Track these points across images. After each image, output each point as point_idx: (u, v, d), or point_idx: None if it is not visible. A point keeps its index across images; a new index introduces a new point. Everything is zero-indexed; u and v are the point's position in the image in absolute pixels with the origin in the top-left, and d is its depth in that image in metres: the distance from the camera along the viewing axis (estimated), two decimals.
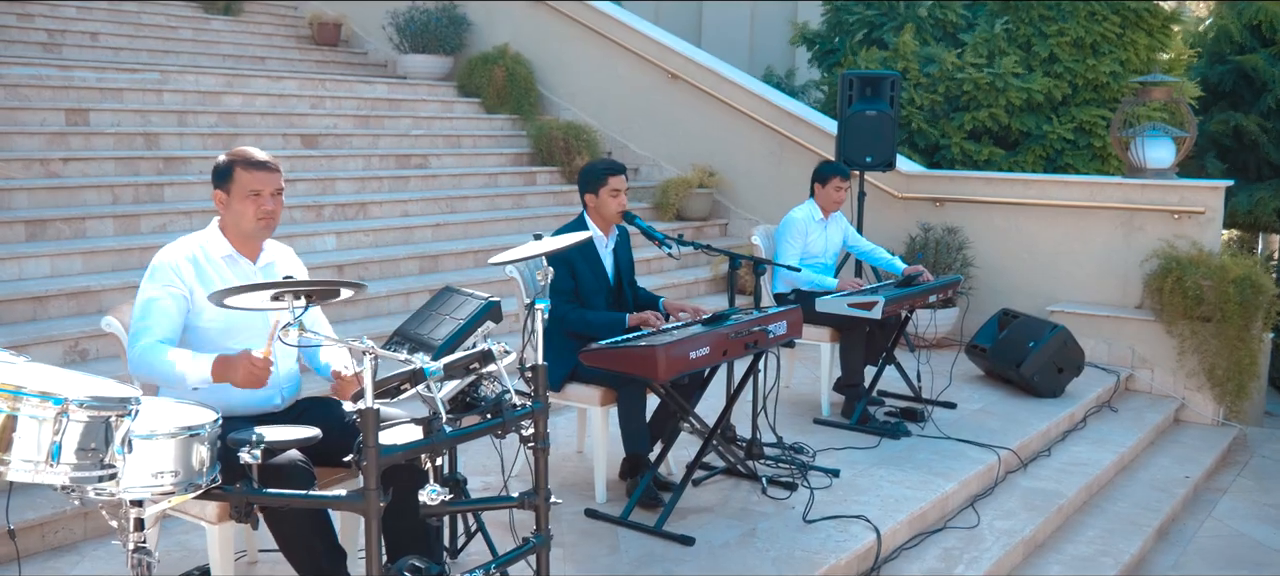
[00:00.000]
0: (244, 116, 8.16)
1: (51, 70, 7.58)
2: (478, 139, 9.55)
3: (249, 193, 3.38)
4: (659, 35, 9.90)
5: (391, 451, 2.79)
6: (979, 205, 8.19)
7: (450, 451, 3.99)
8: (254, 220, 3.41)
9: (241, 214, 3.40)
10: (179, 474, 2.69)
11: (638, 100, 10.01)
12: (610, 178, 4.80)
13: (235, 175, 3.39)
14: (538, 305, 3.31)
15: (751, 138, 9.33)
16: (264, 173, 3.41)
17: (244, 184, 3.38)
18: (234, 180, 3.39)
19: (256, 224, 3.42)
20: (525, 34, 10.63)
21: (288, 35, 11.35)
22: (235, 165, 3.39)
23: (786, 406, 6.31)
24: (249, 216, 3.40)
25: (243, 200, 3.39)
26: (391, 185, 8.10)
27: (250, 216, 3.40)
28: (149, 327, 3.25)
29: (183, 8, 10.89)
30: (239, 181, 3.39)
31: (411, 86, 10.11)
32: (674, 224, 9.18)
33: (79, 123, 7.15)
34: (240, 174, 3.38)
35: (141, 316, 3.28)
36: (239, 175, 3.39)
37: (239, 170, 3.39)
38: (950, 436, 5.75)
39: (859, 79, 7.71)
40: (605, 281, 4.85)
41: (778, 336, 4.71)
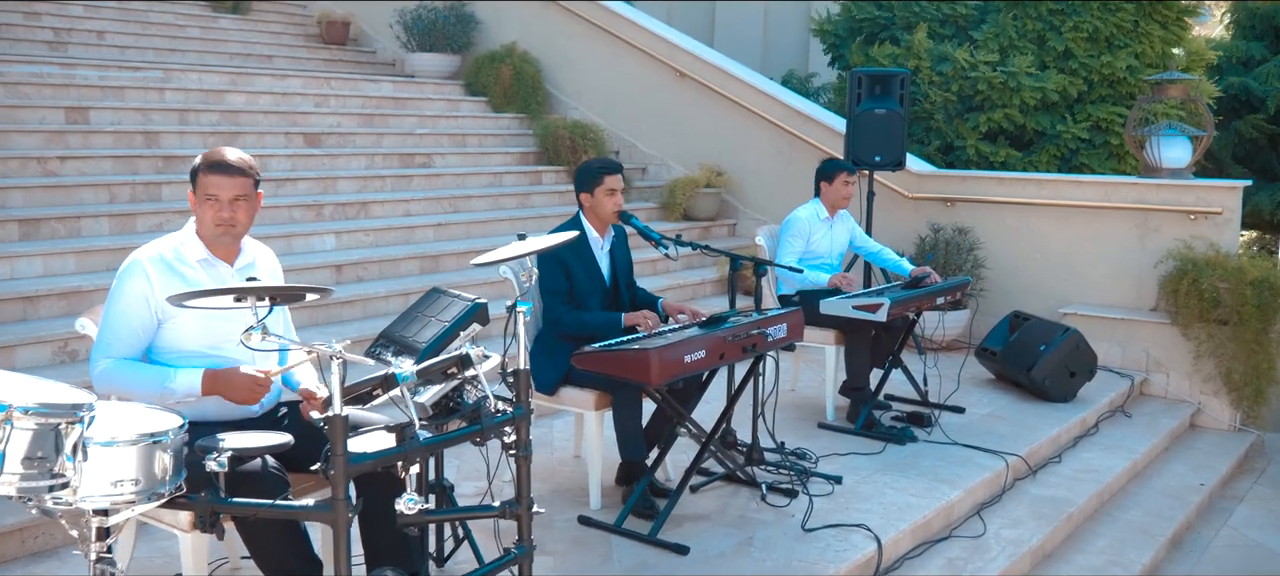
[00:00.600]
0: (247, 115, 8.09)
1: (53, 68, 7.53)
2: (483, 138, 9.46)
3: (207, 197, 3.27)
4: (667, 33, 9.79)
5: (361, 459, 2.69)
6: (990, 205, 8.04)
7: (437, 457, 3.91)
8: (212, 225, 3.30)
9: (201, 218, 3.31)
10: (140, 482, 2.59)
11: (646, 99, 9.90)
12: (607, 176, 4.69)
13: (198, 178, 3.28)
14: (519, 308, 3.20)
15: (760, 137, 9.20)
16: (223, 177, 3.27)
17: (203, 187, 3.27)
18: (197, 182, 3.29)
19: (215, 229, 3.31)
20: (533, 32, 10.53)
21: (296, 34, 11.29)
22: (200, 167, 3.29)
23: (791, 410, 6.20)
24: (207, 221, 3.30)
25: (202, 203, 3.29)
26: (394, 184, 8.01)
27: (208, 221, 3.30)
28: (112, 343, 3.18)
29: (191, 6, 10.84)
30: (200, 184, 3.28)
31: (418, 85, 10.03)
32: (681, 224, 9.06)
33: (79, 121, 7.09)
34: (201, 177, 3.27)
35: (105, 329, 3.19)
36: (201, 178, 3.27)
37: (201, 173, 3.28)
38: (957, 442, 5.61)
39: (868, 77, 7.57)
40: (601, 282, 4.75)
41: (777, 339, 4.60)
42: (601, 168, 4.72)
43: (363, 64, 11.21)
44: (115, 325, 3.18)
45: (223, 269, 3.37)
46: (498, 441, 3.17)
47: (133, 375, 3.14)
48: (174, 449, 2.69)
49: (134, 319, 3.18)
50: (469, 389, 3.42)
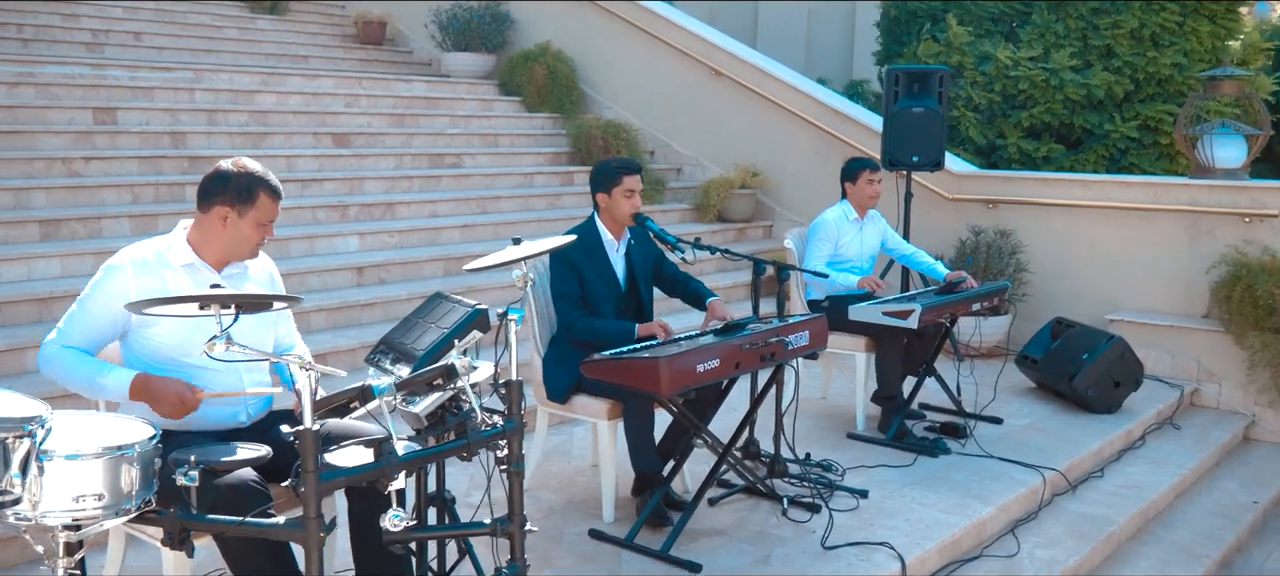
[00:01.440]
0: (276, 115, 8.05)
1: (84, 69, 7.54)
2: (516, 138, 9.35)
3: (265, 221, 3.21)
4: (704, 31, 9.61)
5: (332, 476, 2.55)
6: (1034, 207, 7.76)
7: (438, 468, 3.77)
8: (254, 246, 3.25)
9: (245, 238, 3.21)
10: (104, 497, 2.48)
11: (681, 98, 9.73)
12: (625, 176, 4.53)
13: (258, 199, 3.18)
14: (510, 316, 3.05)
15: (797, 136, 8.99)
16: (278, 201, 3.25)
17: (265, 210, 3.20)
18: (256, 204, 3.18)
19: (253, 250, 3.25)
20: (568, 31, 10.40)
21: (333, 34, 11.28)
22: (259, 189, 3.18)
23: (821, 419, 6.00)
24: (252, 242, 3.23)
25: (255, 227, 3.20)
26: (422, 185, 7.92)
27: (253, 243, 3.24)
28: (70, 332, 3.10)
29: (229, 7, 10.87)
30: (261, 206, 3.19)
31: (451, 85, 9.95)
32: (715, 226, 8.89)
33: (107, 122, 7.08)
34: (264, 200, 3.19)
35: (70, 317, 3.12)
36: (263, 201, 3.19)
37: (264, 196, 3.19)
38: (992, 454, 5.37)
39: (906, 74, 7.33)
40: (615, 287, 4.59)
41: (799, 348, 4.41)
42: (619, 167, 4.56)
43: (399, 64, 11.16)
44: (81, 316, 3.11)
45: (207, 274, 3.25)
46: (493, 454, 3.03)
47: (71, 364, 3.06)
48: (142, 462, 2.57)
49: (100, 317, 3.10)
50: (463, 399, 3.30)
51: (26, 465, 2.26)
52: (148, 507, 2.59)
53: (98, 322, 3.10)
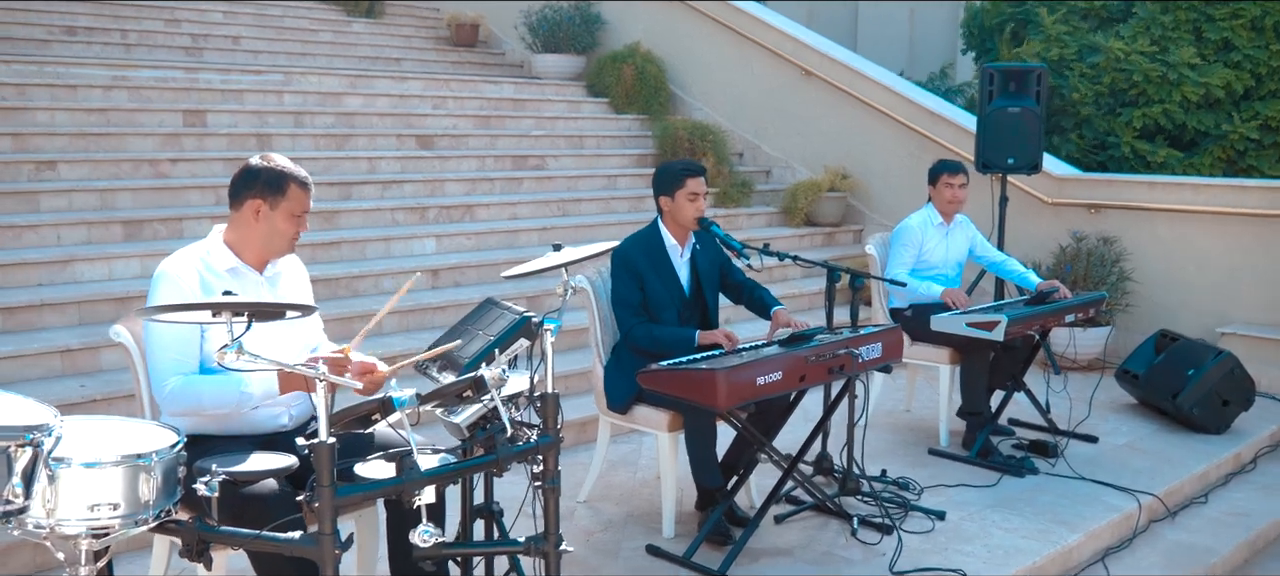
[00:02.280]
0: (361, 117, 8.11)
1: (177, 72, 7.70)
2: (601, 139, 9.26)
3: (298, 213, 3.16)
4: (795, 30, 9.38)
5: (348, 492, 2.46)
6: (1141, 212, 7.33)
7: (486, 479, 3.67)
8: (289, 240, 3.19)
9: (280, 232, 3.16)
10: (119, 507, 2.43)
11: (771, 99, 9.51)
12: (688, 179, 4.37)
13: (289, 191, 3.13)
14: (546, 325, 2.93)
15: (889, 138, 8.69)
16: (309, 193, 3.20)
17: (297, 202, 3.15)
18: (287, 196, 3.13)
19: (288, 244, 3.20)
20: (658, 32, 10.27)
21: (426, 37, 11.36)
22: (289, 181, 3.13)
23: (902, 433, 5.75)
24: (288, 236, 3.18)
25: (288, 219, 3.15)
26: (503, 187, 7.88)
27: (289, 236, 3.18)
28: (166, 363, 3.01)
29: (325, 11, 11.03)
30: (293, 198, 3.14)
31: (539, 86, 9.91)
32: (803, 230, 8.65)
33: (196, 123, 7.21)
34: (295, 191, 3.14)
35: (156, 352, 3.03)
36: (293, 192, 3.14)
37: (294, 187, 3.14)
38: (1084, 476, 5.05)
39: (1001, 72, 7.00)
40: (679, 293, 4.43)
41: (870, 360, 4.20)
42: (683, 170, 4.41)
43: (491, 66, 11.18)
44: (164, 343, 3.02)
45: (252, 277, 3.21)
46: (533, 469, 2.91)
47: (203, 388, 3.00)
48: (163, 470, 2.52)
49: (179, 333, 3.03)
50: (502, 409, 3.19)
51: (32, 474, 2.21)
52: (167, 517, 2.54)
53: (180, 340, 3.02)
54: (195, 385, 2.98)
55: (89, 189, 6.03)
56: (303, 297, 3.38)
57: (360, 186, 7.12)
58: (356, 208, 6.82)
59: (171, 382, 2.98)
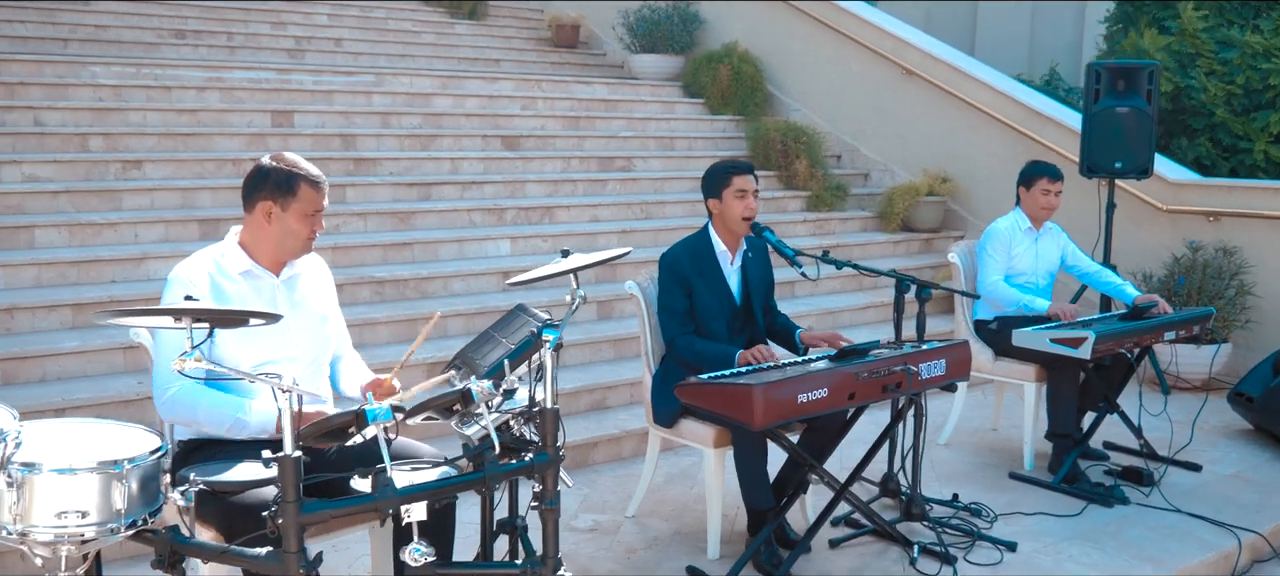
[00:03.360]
0: (449, 118, 8.10)
1: (270, 73, 7.82)
2: (693, 141, 9.07)
3: (310, 213, 3.08)
4: (896, 28, 9.01)
5: (316, 508, 2.34)
6: (1268, 221, 6.76)
7: (510, 491, 3.53)
8: (303, 240, 3.11)
9: (293, 232, 3.08)
10: (90, 514, 2.37)
11: (870, 100, 9.16)
12: (734, 177, 4.15)
13: (299, 191, 3.06)
14: (545, 336, 2.77)
15: (993, 139, 8.26)
16: (321, 194, 3.12)
17: (308, 201, 3.07)
18: (297, 196, 3.06)
19: (303, 244, 3.12)
20: (757, 31, 10.02)
21: (527, 38, 11.36)
22: (299, 180, 3.06)
23: (985, 454, 5.41)
24: (302, 237, 3.10)
25: (300, 219, 3.07)
26: (586, 189, 7.77)
27: (303, 237, 3.10)
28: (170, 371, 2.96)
29: (429, 13, 11.13)
30: (303, 198, 3.07)
31: (633, 87, 9.78)
32: (899, 236, 8.30)
33: (283, 124, 7.30)
34: (305, 190, 3.07)
35: (165, 355, 2.96)
36: (304, 191, 3.06)
37: (304, 187, 3.06)
38: (1179, 508, 4.63)
39: (1108, 70, 6.55)
40: (729, 302, 4.22)
41: (932, 378, 3.91)
42: (729, 168, 4.18)
43: (590, 66, 11.10)
44: (170, 348, 2.98)
45: (267, 280, 3.14)
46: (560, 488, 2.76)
47: (202, 403, 2.93)
48: (139, 477, 2.45)
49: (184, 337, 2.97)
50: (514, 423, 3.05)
51: None
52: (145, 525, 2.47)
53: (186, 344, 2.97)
54: (194, 397, 2.91)
55: (171, 188, 6.15)
56: (322, 301, 3.30)
57: (439, 187, 7.10)
58: (432, 208, 6.79)
59: (172, 389, 2.92)
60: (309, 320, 3.22)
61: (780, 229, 8.08)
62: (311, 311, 3.24)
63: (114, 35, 8.65)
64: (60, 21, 8.52)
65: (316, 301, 3.28)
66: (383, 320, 5.59)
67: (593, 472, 5.04)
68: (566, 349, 5.85)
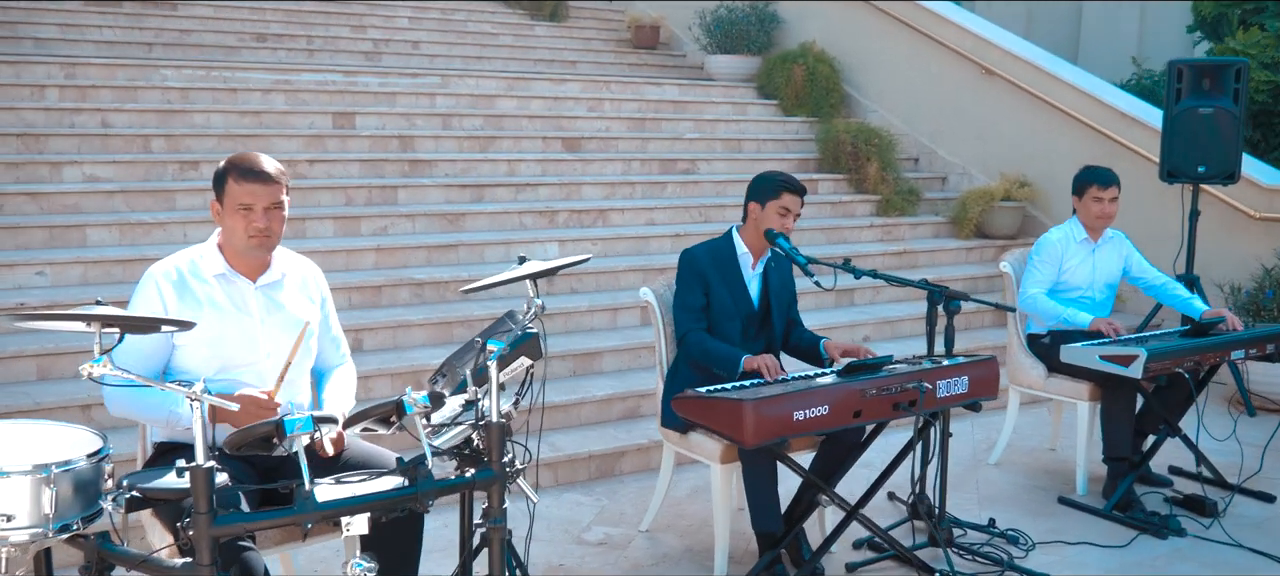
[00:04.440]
0: (511, 120, 8.07)
1: (336, 76, 7.92)
2: (762, 143, 8.86)
3: (239, 206, 2.99)
4: (976, 25, 8.65)
5: (225, 521, 2.28)
6: None
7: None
8: (244, 237, 3.01)
9: (232, 230, 3.02)
10: (14, 518, 2.36)
11: (949, 100, 8.82)
12: (785, 193, 3.97)
13: (227, 185, 3.01)
14: (490, 346, 2.66)
15: (1076, 142, 7.84)
16: (258, 184, 2.99)
17: (235, 196, 2.99)
18: (226, 190, 3.01)
19: (247, 242, 3.02)
20: (835, 30, 9.75)
21: (607, 39, 11.29)
22: (228, 173, 3.01)
23: (1036, 476, 5.11)
24: (239, 233, 3.01)
25: (233, 214, 3.00)
26: (644, 191, 7.64)
27: (240, 233, 3.01)
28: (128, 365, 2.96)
29: (510, 15, 11.16)
30: (230, 193, 3.00)
31: (705, 88, 9.62)
32: (972, 242, 7.95)
33: (345, 126, 7.36)
34: (231, 184, 2.99)
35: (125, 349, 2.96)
36: (230, 186, 2.99)
37: (231, 180, 2.99)
38: (1240, 543, 4.27)
39: (1192, 68, 6.14)
40: (746, 305, 4.05)
41: (952, 396, 3.70)
42: (784, 184, 3.99)
43: (668, 68, 10.97)
44: (130, 343, 2.99)
45: (242, 284, 3.10)
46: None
47: (141, 398, 2.92)
48: (72, 481, 2.43)
49: (144, 338, 2.97)
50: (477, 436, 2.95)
51: None
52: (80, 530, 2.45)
53: (145, 344, 2.94)
54: (132, 393, 2.88)
55: None
56: (300, 309, 3.23)
57: (493, 188, 7.07)
58: (483, 210, 6.76)
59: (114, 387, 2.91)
60: (287, 327, 3.16)
61: (847, 234, 7.87)
62: (291, 318, 3.18)
63: (196, 39, 8.86)
64: (146, 27, 8.78)
65: (300, 309, 3.23)
66: (418, 322, 5.56)
67: (616, 483, 4.92)
68: (604, 355, 5.75)
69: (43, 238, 5.53)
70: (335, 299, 5.59)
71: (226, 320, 3.04)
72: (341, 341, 3.37)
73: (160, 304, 3.00)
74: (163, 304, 3.00)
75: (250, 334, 3.07)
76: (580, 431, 5.19)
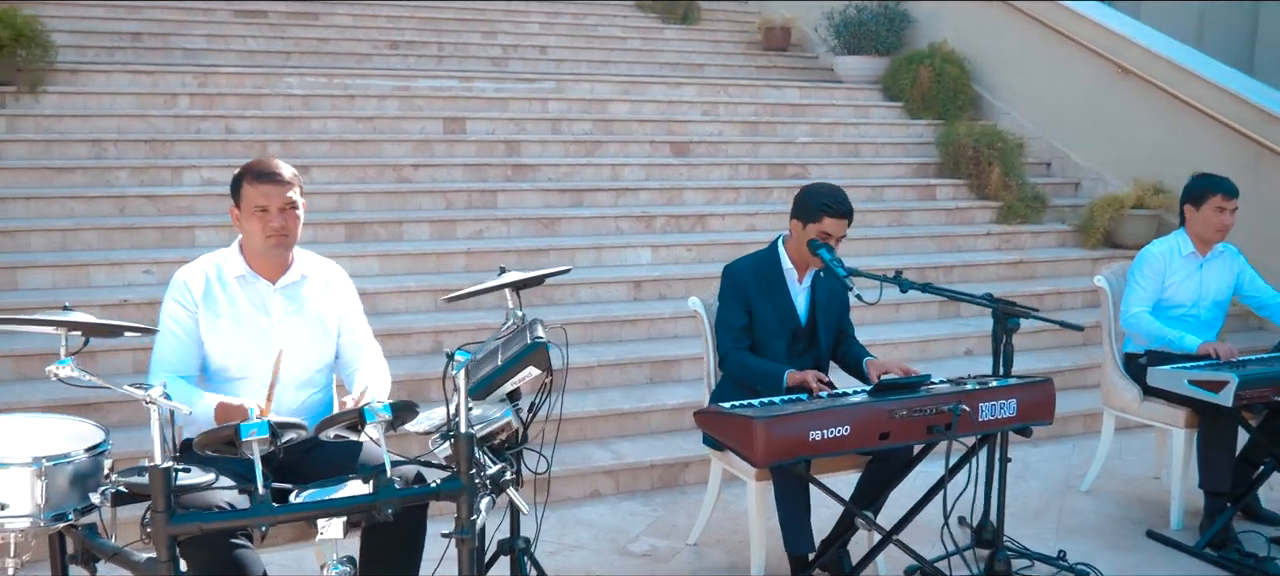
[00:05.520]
0: (619, 123, 8.10)
1: (452, 81, 8.12)
2: (881, 147, 8.59)
3: (255, 208, 3.11)
4: (1112, 21, 8.17)
5: (184, 520, 2.35)
6: None
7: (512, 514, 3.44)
8: (262, 238, 3.13)
9: (250, 232, 3.16)
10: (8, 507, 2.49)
11: (1084, 102, 8.35)
12: (826, 218, 3.80)
13: (242, 189, 3.14)
14: (457, 356, 2.65)
15: (1219, 147, 7.29)
16: (271, 186, 3.11)
17: (250, 199, 3.12)
18: (242, 195, 3.14)
19: (264, 242, 3.14)
20: (968, 29, 9.38)
21: (737, 41, 11.19)
22: (243, 178, 3.15)
23: (1130, 507, 4.79)
24: (257, 234, 3.14)
25: (250, 217, 3.13)
26: (749, 197, 7.53)
27: (258, 234, 3.13)
28: (161, 363, 3.12)
29: (641, 18, 11.20)
30: (246, 196, 3.13)
31: (827, 90, 9.41)
32: (1099, 252, 7.50)
33: (455, 131, 7.54)
34: (246, 188, 3.13)
35: (157, 349, 3.14)
36: (246, 189, 3.13)
37: (246, 184, 3.13)
38: None
39: None
40: (792, 321, 3.94)
41: (997, 420, 3.49)
42: (825, 207, 3.79)
43: (799, 70, 10.78)
44: (161, 343, 3.14)
45: (262, 286, 3.22)
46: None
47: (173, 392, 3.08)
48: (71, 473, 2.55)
49: (174, 337, 3.12)
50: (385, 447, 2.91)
51: None
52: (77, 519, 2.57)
53: (176, 342, 3.11)
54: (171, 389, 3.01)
55: (328, 192, 6.48)
56: (328, 311, 3.33)
57: (593, 193, 7.10)
58: (578, 215, 6.80)
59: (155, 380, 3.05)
60: (305, 327, 3.26)
61: (960, 242, 7.53)
62: (311, 318, 3.28)
63: (332, 47, 9.23)
64: (287, 36, 9.21)
65: (321, 309, 3.32)
66: (494, 326, 5.62)
67: (678, 493, 4.86)
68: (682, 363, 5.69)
69: (155, 238, 5.88)
70: (420, 300, 5.81)
71: (245, 321, 3.16)
72: (365, 344, 3.43)
73: (188, 301, 3.13)
74: (191, 301, 3.13)
75: (267, 333, 3.17)
76: (648, 439, 5.16)
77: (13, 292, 5.28)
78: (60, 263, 5.43)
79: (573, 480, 4.79)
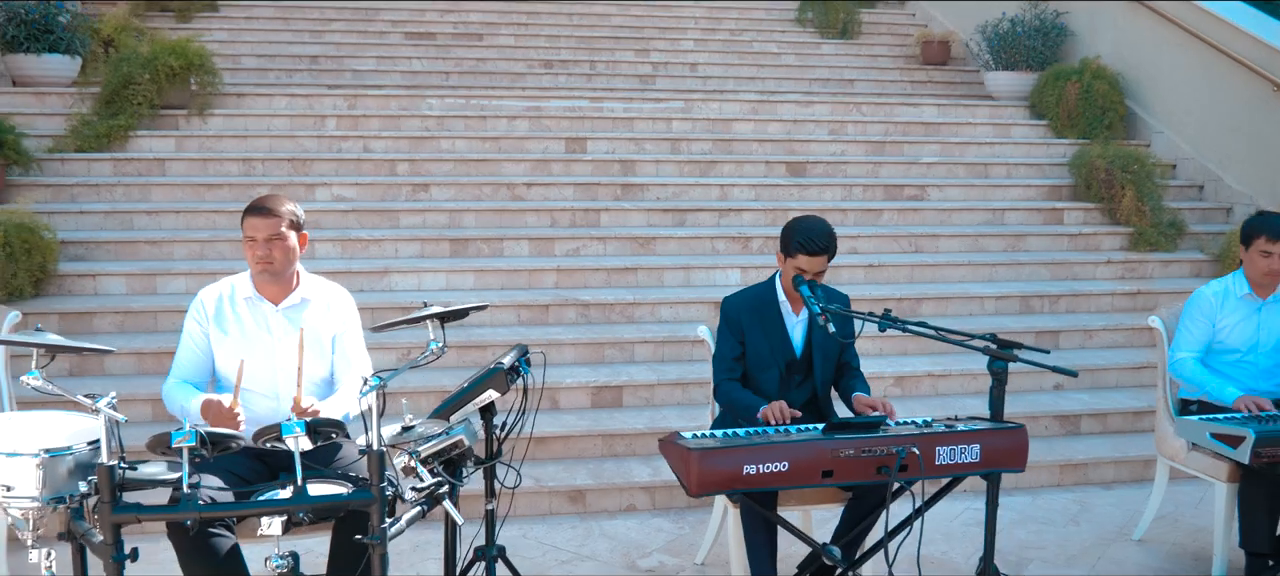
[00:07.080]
0: (741, 143, 8.24)
1: (582, 101, 8.49)
2: (1013, 167, 8.32)
3: (247, 239, 3.57)
4: (1269, 34, 7.59)
5: (124, 510, 2.77)
6: None
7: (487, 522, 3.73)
8: (253, 264, 3.59)
9: (248, 260, 3.61)
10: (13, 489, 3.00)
11: (1241, 121, 7.81)
12: (801, 255, 3.86)
13: (243, 221, 3.60)
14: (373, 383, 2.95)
15: None
16: (259, 219, 3.54)
17: (245, 231, 3.58)
18: (243, 227, 3.60)
19: (254, 267, 3.60)
20: (1127, 44, 8.94)
21: (895, 56, 11.05)
22: (245, 211, 3.60)
23: (1182, 559, 4.58)
24: (252, 265, 3.60)
25: (245, 246, 3.59)
26: (857, 219, 7.50)
27: (249, 260, 3.60)
28: (176, 366, 3.64)
29: (800, 34, 11.26)
30: (244, 227, 3.58)
31: (969, 108, 9.18)
32: None
33: (575, 150, 7.91)
34: (244, 221, 3.58)
35: (176, 356, 3.66)
36: (244, 221, 3.58)
37: (245, 217, 3.58)
38: None
39: None
40: (786, 353, 4.05)
41: (953, 465, 3.49)
42: (801, 244, 3.85)
43: (955, 84, 10.54)
44: (179, 351, 3.66)
45: (265, 308, 3.65)
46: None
47: (173, 395, 3.59)
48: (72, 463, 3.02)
49: (190, 349, 3.63)
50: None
51: None
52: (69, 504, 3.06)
53: (189, 353, 3.63)
54: (172, 390, 3.57)
55: (442, 209, 6.98)
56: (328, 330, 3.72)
57: (696, 213, 7.29)
58: (674, 234, 7.00)
59: (169, 381, 3.61)
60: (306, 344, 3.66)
61: (1076, 270, 7.24)
62: (311, 336, 3.68)
63: (490, 67, 9.82)
64: (449, 57, 9.87)
65: (321, 328, 3.72)
66: (569, 342, 5.94)
67: (703, 512, 5.01)
68: None
69: None
70: (506, 315, 6.17)
71: (249, 337, 3.61)
72: (355, 363, 3.78)
73: (203, 319, 3.62)
74: (205, 319, 3.62)
75: (268, 349, 3.61)
76: None
77: (152, 296, 6.04)
78: (194, 271, 6.15)
79: (609, 493, 5.04)
